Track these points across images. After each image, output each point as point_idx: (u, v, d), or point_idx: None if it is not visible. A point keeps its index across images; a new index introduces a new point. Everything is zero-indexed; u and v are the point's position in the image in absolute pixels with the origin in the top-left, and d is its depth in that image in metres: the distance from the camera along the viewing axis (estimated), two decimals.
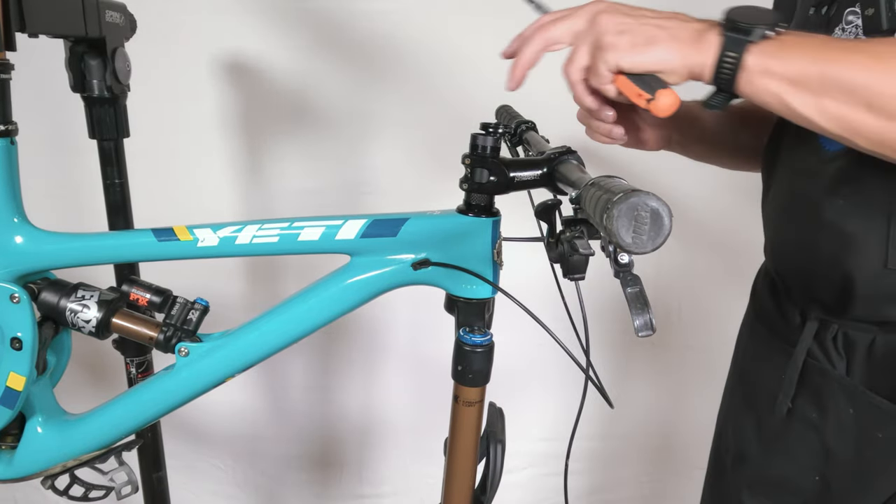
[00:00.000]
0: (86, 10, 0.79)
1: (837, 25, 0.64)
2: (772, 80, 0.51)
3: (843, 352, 0.68)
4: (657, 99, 0.52)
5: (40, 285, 0.72)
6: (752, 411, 0.81)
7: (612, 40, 0.55)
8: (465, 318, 0.71)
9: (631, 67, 0.55)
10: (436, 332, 1.46)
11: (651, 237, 0.44)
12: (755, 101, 0.54)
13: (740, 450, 0.83)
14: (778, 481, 0.77)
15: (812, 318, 0.71)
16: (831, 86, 0.49)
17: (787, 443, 0.75)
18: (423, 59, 1.32)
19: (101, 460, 0.80)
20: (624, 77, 0.56)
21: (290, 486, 1.65)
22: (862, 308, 0.66)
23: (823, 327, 0.70)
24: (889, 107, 0.46)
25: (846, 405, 0.68)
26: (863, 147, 0.51)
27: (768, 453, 0.78)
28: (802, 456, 0.73)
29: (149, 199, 1.07)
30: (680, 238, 1.46)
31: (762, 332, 0.81)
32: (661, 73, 0.55)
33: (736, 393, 0.87)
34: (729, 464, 0.85)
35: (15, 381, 0.70)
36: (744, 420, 0.83)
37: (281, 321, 0.72)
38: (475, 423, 0.73)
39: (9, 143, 0.68)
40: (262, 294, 1.48)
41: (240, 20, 1.29)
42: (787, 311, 0.76)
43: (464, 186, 0.67)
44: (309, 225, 0.69)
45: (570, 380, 1.53)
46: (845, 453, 0.69)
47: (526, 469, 1.63)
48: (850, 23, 0.63)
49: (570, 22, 0.60)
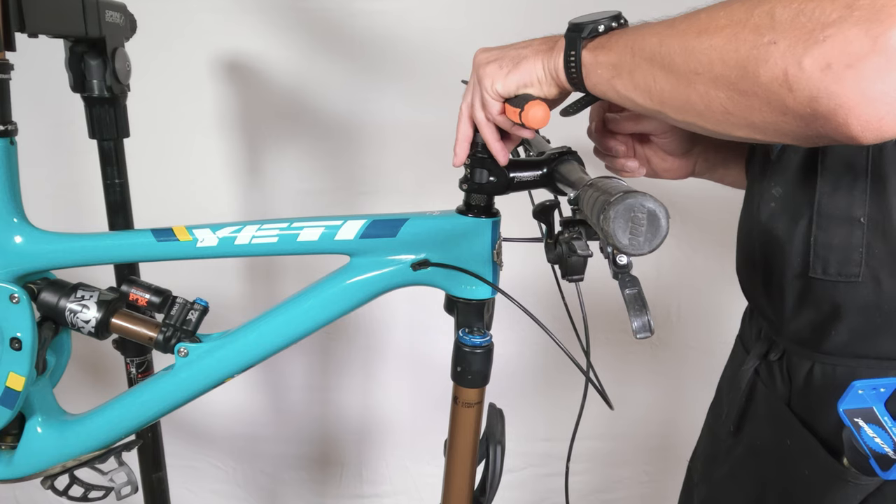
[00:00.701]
0: (86, 10, 0.79)
1: None
2: (604, 70, 0.53)
3: (786, 375, 0.63)
4: (526, 111, 0.55)
5: (40, 285, 0.72)
6: (713, 429, 0.79)
7: (485, 71, 0.60)
8: (464, 319, 0.70)
9: (505, 88, 0.59)
10: (435, 332, 1.46)
11: (648, 238, 0.44)
12: (601, 97, 0.56)
13: (705, 470, 0.80)
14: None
15: (762, 336, 0.68)
16: (640, 59, 0.50)
17: (733, 468, 0.72)
18: (422, 59, 1.32)
19: (101, 460, 0.80)
20: (507, 105, 0.60)
21: (290, 485, 1.65)
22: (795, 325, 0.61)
23: (772, 347, 0.66)
24: (678, 64, 0.46)
25: (785, 435, 0.63)
26: (674, 119, 0.50)
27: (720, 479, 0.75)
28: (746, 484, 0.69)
29: (149, 199, 1.07)
30: (680, 238, 1.46)
31: (737, 350, 0.78)
32: (531, 88, 0.59)
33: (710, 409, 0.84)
34: (695, 481, 0.83)
35: (15, 382, 0.70)
36: (707, 437, 0.81)
37: (280, 321, 0.72)
38: (474, 424, 0.73)
39: (9, 144, 0.68)
40: (261, 294, 1.48)
41: (239, 20, 1.29)
42: (749, 329, 0.74)
43: (463, 187, 0.67)
44: (308, 225, 0.69)
45: (569, 380, 1.53)
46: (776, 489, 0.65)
47: (525, 469, 1.63)
48: None
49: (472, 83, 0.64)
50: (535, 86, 0.58)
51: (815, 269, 0.57)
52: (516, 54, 0.59)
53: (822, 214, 0.56)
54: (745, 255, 0.69)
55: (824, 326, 0.58)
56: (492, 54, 0.61)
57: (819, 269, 0.57)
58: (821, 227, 0.56)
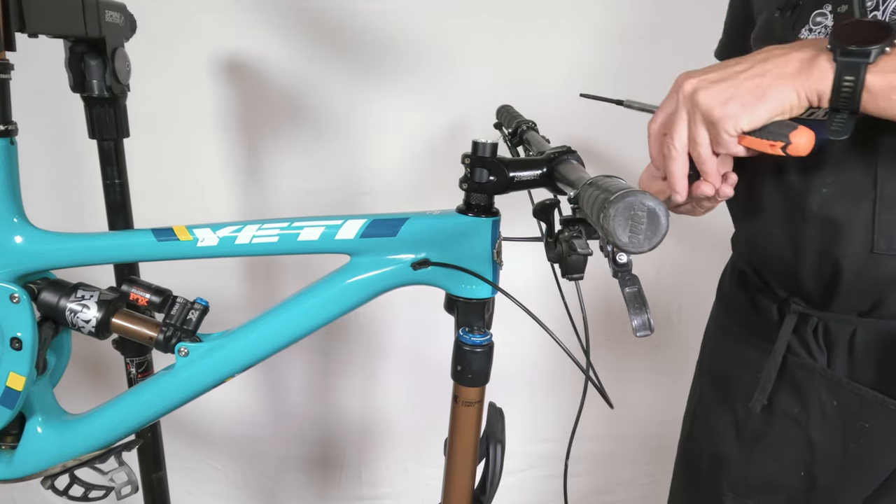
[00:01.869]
0: (86, 10, 0.79)
1: (804, 27, 0.65)
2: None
3: (823, 345, 0.69)
4: (792, 142, 0.52)
5: (40, 285, 0.72)
6: (726, 412, 0.81)
7: (724, 112, 0.55)
8: (464, 318, 0.70)
9: (753, 125, 0.55)
10: (435, 332, 1.46)
11: (648, 237, 0.44)
12: (879, 115, 0.53)
13: (717, 453, 0.82)
14: (762, 481, 0.77)
15: (791, 311, 0.71)
16: None
17: (769, 440, 0.75)
18: (422, 59, 1.32)
19: (101, 460, 0.80)
20: (747, 136, 0.56)
21: (289, 486, 1.65)
22: (846, 297, 0.66)
23: (803, 321, 0.70)
24: None
25: (829, 398, 0.69)
26: None
27: (749, 453, 0.78)
28: (786, 452, 0.74)
29: (149, 199, 1.07)
30: (680, 238, 1.46)
31: (733, 331, 0.81)
32: (782, 115, 0.55)
33: (707, 395, 0.86)
34: (704, 468, 0.84)
35: (15, 381, 0.70)
36: (718, 422, 0.82)
37: (281, 321, 0.72)
38: (475, 423, 0.73)
39: (9, 143, 0.68)
40: (261, 294, 1.48)
41: (239, 20, 1.29)
42: (762, 306, 0.76)
43: (463, 186, 0.67)
44: (308, 225, 0.69)
45: (569, 380, 1.53)
46: (831, 446, 0.70)
47: (526, 470, 1.63)
48: (818, 23, 0.64)
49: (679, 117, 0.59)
50: (787, 113, 0.55)
51: (879, 245, 0.62)
52: (754, 85, 0.54)
53: (884, 195, 0.61)
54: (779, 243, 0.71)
55: (884, 294, 0.64)
56: (721, 89, 0.55)
57: (883, 245, 0.62)
58: (885, 207, 0.61)
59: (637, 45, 1.30)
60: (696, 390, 0.90)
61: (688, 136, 0.59)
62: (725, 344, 0.83)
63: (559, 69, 1.31)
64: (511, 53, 1.31)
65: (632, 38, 1.30)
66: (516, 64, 1.31)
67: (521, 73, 1.31)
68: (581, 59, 1.31)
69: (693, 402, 0.91)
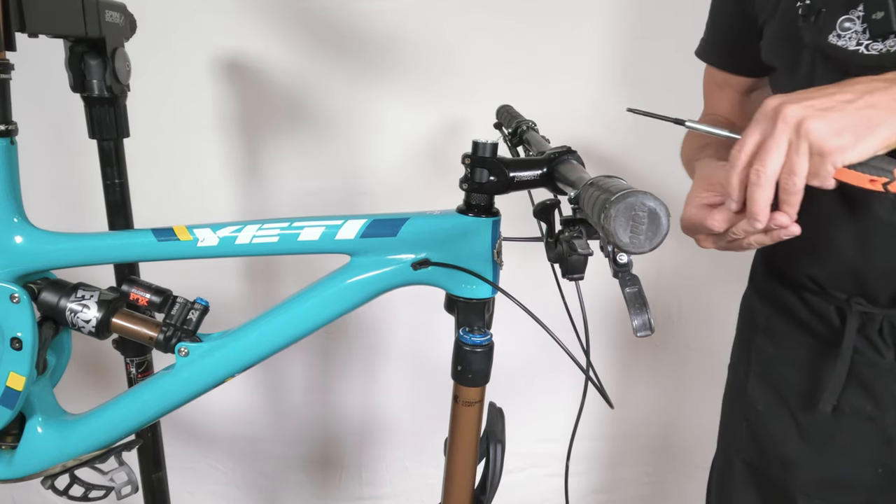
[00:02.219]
0: (86, 10, 0.79)
1: (831, 33, 0.64)
2: None
3: (889, 341, 0.71)
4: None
5: (40, 285, 0.72)
6: (785, 415, 0.81)
7: (836, 144, 0.53)
8: (464, 318, 0.71)
9: (860, 159, 0.53)
10: (436, 332, 1.46)
11: (648, 237, 0.44)
12: None
13: (782, 456, 0.81)
14: (833, 481, 0.77)
15: (853, 312, 0.72)
16: None
17: (840, 440, 0.76)
18: (422, 59, 1.32)
19: (101, 460, 0.80)
20: (846, 170, 0.54)
21: (289, 486, 1.64)
22: None
23: (868, 320, 0.72)
24: None
25: None
26: None
27: (820, 454, 0.78)
28: (860, 450, 0.75)
29: (149, 199, 1.07)
30: (680, 238, 1.46)
31: (787, 334, 0.81)
32: (886, 149, 0.53)
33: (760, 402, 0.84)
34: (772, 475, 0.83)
35: (15, 381, 0.70)
36: (777, 427, 0.82)
37: (281, 321, 0.72)
38: (475, 422, 0.73)
39: (9, 143, 0.68)
40: (261, 294, 1.48)
41: (239, 20, 1.29)
42: (818, 309, 0.77)
43: (464, 186, 0.67)
44: (309, 225, 0.69)
45: (570, 380, 1.53)
46: None
47: (526, 470, 1.63)
48: (846, 29, 0.63)
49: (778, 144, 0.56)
50: (889, 147, 0.53)
51: None
52: (866, 118, 0.53)
53: None
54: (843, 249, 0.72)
55: None
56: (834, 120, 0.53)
57: None
58: None
59: (637, 46, 1.31)
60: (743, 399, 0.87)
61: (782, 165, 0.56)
62: (776, 349, 0.83)
63: (559, 69, 1.31)
64: (511, 53, 1.31)
65: (632, 38, 1.30)
66: (516, 64, 1.31)
67: (521, 72, 1.31)
68: (581, 59, 1.31)
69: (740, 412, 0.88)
